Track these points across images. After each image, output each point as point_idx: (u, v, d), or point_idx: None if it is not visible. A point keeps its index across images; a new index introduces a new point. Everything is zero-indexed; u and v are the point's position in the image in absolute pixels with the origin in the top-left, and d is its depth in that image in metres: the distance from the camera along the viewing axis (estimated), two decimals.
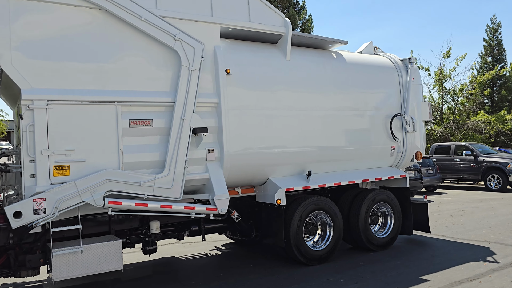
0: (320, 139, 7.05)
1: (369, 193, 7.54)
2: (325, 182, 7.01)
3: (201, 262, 7.33)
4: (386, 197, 7.72)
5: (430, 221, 10.21)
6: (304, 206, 6.73)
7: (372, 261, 6.91)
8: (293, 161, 6.85)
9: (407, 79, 8.15)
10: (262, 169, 6.61)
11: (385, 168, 7.97)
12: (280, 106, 6.66)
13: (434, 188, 17.29)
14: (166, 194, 5.54)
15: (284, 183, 6.64)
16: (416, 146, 8.29)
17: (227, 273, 6.55)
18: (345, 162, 7.42)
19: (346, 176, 7.34)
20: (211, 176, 5.96)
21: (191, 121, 5.74)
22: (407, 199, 8.00)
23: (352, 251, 7.57)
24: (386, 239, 7.67)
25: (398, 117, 7.92)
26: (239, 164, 6.27)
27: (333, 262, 6.86)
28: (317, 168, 7.10)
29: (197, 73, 5.81)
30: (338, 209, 7.14)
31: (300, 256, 6.68)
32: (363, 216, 7.38)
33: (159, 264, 7.25)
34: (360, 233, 7.36)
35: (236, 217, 6.70)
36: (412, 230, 7.99)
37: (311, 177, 6.91)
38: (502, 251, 7.21)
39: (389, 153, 7.93)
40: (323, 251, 6.90)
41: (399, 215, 7.85)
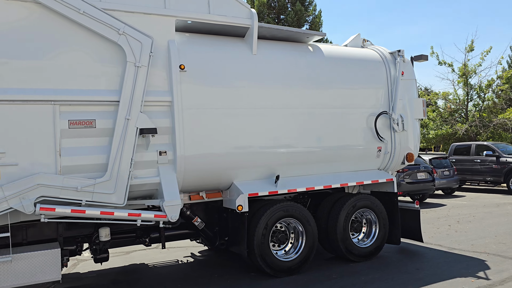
0: (292, 140, 6.50)
1: (350, 198, 6.92)
2: (295, 187, 6.45)
3: (167, 270, 6.92)
4: (370, 203, 7.07)
5: (434, 227, 9.50)
6: (270, 212, 6.20)
7: (349, 273, 6.29)
8: (261, 164, 6.33)
9: (395, 73, 7.45)
10: (225, 173, 6.13)
11: (370, 171, 7.31)
12: (244, 104, 6.16)
13: (451, 191, 16.25)
14: (107, 200, 5.16)
15: (247, 188, 6.14)
16: (407, 147, 7.58)
17: (186, 283, 6.11)
18: (322, 165, 6.82)
19: (322, 180, 6.74)
20: (162, 180, 5.53)
21: (137, 121, 5.33)
22: (394, 205, 7.32)
23: (331, 261, 6.97)
24: (369, 249, 7.02)
25: (384, 115, 7.24)
26: (197, 167, 5.82)
27: (304, 274, 6.30)
28: (289, 171, 6.55)
29: (145, 70, 5.40)
30: (311, 216, 6.57)
31: (266, 267, 6.15)
32: (342, 223, 6.76)
33: (123, 272, 6.90)
34: (338, 242, 6.75)
35: (199, 223, 6.27)
36: (400, 239, 7.29)
37: (281, 181, 6.36)
38: (498, 265, 6.43)
39: (375, 155, 7.27)
40: (293, 262, 6.34)
41: (385, 222, 7.18)
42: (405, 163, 7.60)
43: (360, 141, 7.11)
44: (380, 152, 7.29)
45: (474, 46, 23.75)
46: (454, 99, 25.24)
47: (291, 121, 6.49)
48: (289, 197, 7.03)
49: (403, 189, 13.12)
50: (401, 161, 7.57)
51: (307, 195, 7.25)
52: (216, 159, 5.96)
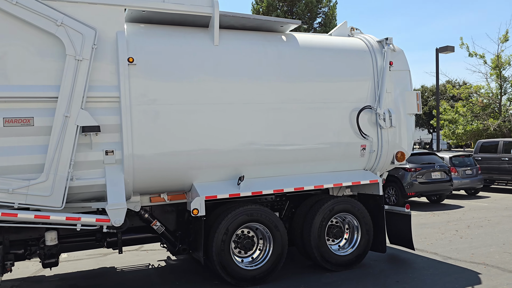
0: (259, 138, 5.97)
1: (326, 201, 6.31)
2: (261, 189, 5.92)
3: (132, 275, 6.58)
4: (350, 206, 6.43)
5: (439, 232, 8.73)
6: (232, 217, 5.71)
7: (319, 284, 5.71)
8: (224, 164, 5.84)
9: (382, 64, 6.74)
10: (183, 174, 5.69)
11: (353, 172, 6.66)
12: (204, 100, 5.68)
13: (475, 191, 15.10)
14: (43, 203, 4.84)
15: (206, 190, 5.67)
16: (397, 145, 6.86)
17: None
18: (296, 165, 6.25)
19: (294, 182, 6.17)
20: (107, 181, 5.16)
21: (77, 119, 4.98)
22: (380, 209, 6.64)
23: (306, 270, 6.39)
24: (349, 257, 6.39)
25: (368, 110, 6.57)
26: (149, 167, 5.42)
27: (269, 284, 5.78)
28: (257, 172, 6.03)
29: (86, 63, 5.03)
30: (280, 221, 6.02)
31: (226, 276, 5.68)
32: (317, 229, 6.18)
33: (87, 276, 6.62)
34: (313, 249, 6.17)
35: (158, 227, 5.88)
36: (385, 247, 6.61)
37: (246, 183, 5.86)
38: (492, 280, 5.66)
39: (359, 154, 6.61)
40: (258, 271, 5.83)
41: (369, 228, 6.52)
42: (395, 163, 6.89)
43: (341, 139, 6.47)
44: (364, 151, 6.62)
45: (508, 36, 22.14)
46: (486, 93, 23.65)
47: (259, 117, 5.95)
48: (265, 200, 6.50)
49: (415, 189, 12.25)
50: (390, 160, 6.87)
51: (285, 198, 6.70)
52: (171, 159, 5.53)
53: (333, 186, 6.37)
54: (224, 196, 5.72)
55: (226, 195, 5.72)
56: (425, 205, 12.79)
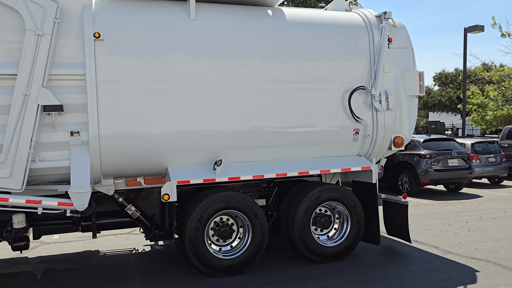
0: (239, 120, 5.57)
1: (313, 189, 5.89)
2: (239, 174, 5.55)
3: (112, 260, 6.39)
4: (339, 194, 5.98)
5: (447, 223, 8.20)
6: (207, 203, 5.39)
7: (298, 277, 5.34)
8: (200, 147, 5.50)
9: (379, 40, 6.17)
10: (156, 156, 5.39)
11: (345, 158, 6.18)
12: (178, 79, 5.33)
13: (499, 180, 14.21)
14: (2, 185, 4.66)
15: (179, 175, 5.36)
16: (395, 130, 6.31)
17: (110, 278, 5.52)
18: (279, 150, 5.83)
19: (276, 167, 5.76)
20: (71, 163, 4.92)
21: (38, 97, 4.73)
22: (373, 198, 6.16)
23: (290, 260, 6.02)
24: (336, 248, 5.97)
25: (361, 90, 6.04)
26: (118, 149, 5.14)
27: (246, 275, 5.45)
28: (237, 156, 5.67)
29: (48, 39, 4.75)
30: (260, 209, 5.65)
31: (200, 265, 5.39)
32: (301, 218, 5.78)
33: (67, 259, 6.48)
34: (296, 239, 5.78)
35: (133, 212, 5.65)
36: (379, 239, 6.14)
37: (225, 167, 5.51)
38: (490, 279, 5.13)
39: (351, 139, 6.12)
40: (235, 261, 5.51)
41: (360, 218, 6.06)
42: (392, 148, 6.36)
43: (331, 122, 6.00)
44: (357, 135, 6.13)
45: None
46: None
47: (239, 98, 5.56)
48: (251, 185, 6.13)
49: (430, 177, 11.57)
50: (387, 146, 6.34)
51: (273, 184, 6.31)
52: (142, 141, 5.23)
53: (320, 172, 5.92)
54: (197, 181, 5.39)
55: (200, 180, 5.39)
56: (441, 194, 12.11)
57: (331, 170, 5.94)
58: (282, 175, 5.72)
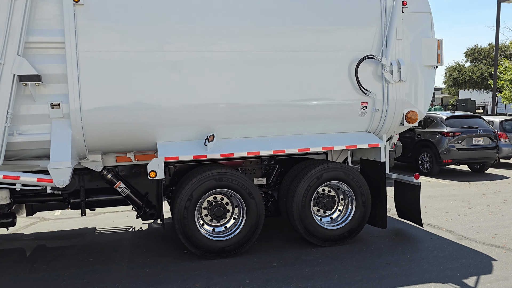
0: (233, 92, 5.14)
1: (315, 167, 5.44)
2: (233, 151, 5.14)
3: (105, 238, 6.17)
4: (343, 174, 5.51)
5: (468, 205, 7.66)
6: (197, 181, 5.03)
7: (295, 261, 4.96)
8: (191, 121, 5.12)
9: (392, 3, 5.55)
10: (144, 131, 5.04)
11: (350, 134, 5.67)
12: (168, 47, 4.91)
13: None
14: None
15: (167, 151, 5.00)
16: (409, 103, 5.75)
17: (99, 257, 5.29)
18: (278, 125, 5.39)
19: (274, 144, 5.33)
20: (52, 137, 4.64)
21: (13, 67, 4.42)
22: (381, 178, 5.66)
23: (290, 243, 5.65)
24: (339, 231, 5.54)
25: (370, 60, 5.48)
26: (101, 123, 4.81)
27: (239, 258, 5.11)
28: (231, 131, 5.26)
29: (23, 3, 4.41)
30: (256, 188, 5.26)
31: (190, 246, 5.08)
32: (300, 198, 5.36)
33: (61, 237, 6.30)
34: (295, 221, 5.39)
35: (122, 189, 5.37)
36: (386, 222, 5.67)
37: (218, 143, 5.12)
38: (508, 269, 4.62)
39: (358, 113, 5.60)
40: (228, 242, 5.17)
41: (366, 199, 5.59)
42: (404, 124, 5.81)
43: (336, 94, 5.49)
44: (365, 109, 5.60)
45: None
46: None
47: (231, 68, 5.11)
48: (251, 163, 5.75)
49: (452, 156, 10.88)
50: (398, 121, 5.79)
51: (275, 162, 5.89)
52: (128, 115, 4.88)
53: (322, 149, 5.45)
54: (187, 158, 5.03)
55: (189, 157, 5.03)
56: (464, 174, 11.42)
57: (335, 147, 5.47)
58: (280, 152, 5.29)
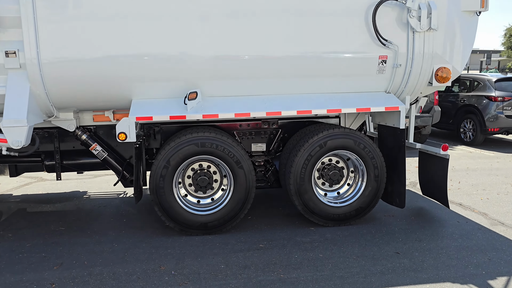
0: (220, 41, 4.29)
1: (318, 133, 4.58)
2: (218, 112, 4.35)
3: (90, 204, 5.65)
4: (352, 142, 4.61)
5: (508, 182, 6.45)
6: (175, 146, 4.33)
7: (286, 243, 4.22)
8: (170, 75, 4.36)
9: None
10: (117, 86, 4.35)
11: (365, 95, 4.72)
12: None
13: None
14: None
15: (141, 109, 4.30)
16: (440, 58, 4.68)
17: (72, 226, 4.78)
18: (275, 82, 4.52)
19: (269, 104, 4.48)
20: (7, 91, 4.04)
21: None
22: (400, 148, 4.71)
23: (287, 221, 4.90)
24: (345, 209, 4.71)
25: (392, 2, 4.43)
26: (67, 76, 4.16)
27: (226, 235, 4.45)
28: (218, 89, 4.47)
29: None
30: (245, 156, 4.48)
31: (168, 220, 4.44)
32: (299, 169, 4.55)
33: (48, 199, 5.87)
34: (293, 195, 4.61)
35: (99, 152, 4.79)
36: (404, 201, 4.75)
37: (201, 103, 4.36)
38: None
39: (375, 69, 4.62)
40: (211, 217, 4.48)
41: (379, 173, 4.69)
42: (434, 84, 4.77)
43: (348, 45, 4.51)
44: (384, 64, 4.60)
45: None
46: None
47: (219, 11, 4.24)
48: (249, 126, 4.96)
49: (500, 124, 9.54)
50: (426, 80, 4.76)
51: (277, 126, 5.07)
52: (97, 66, 4.18)
53: (327, 112, 4.54)
54: (162, 119, 4.31)
55: (165, 117, 4.30)
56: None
57: (343, 109, 4.54)
58: (274, 113, 4.45)
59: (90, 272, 3.65)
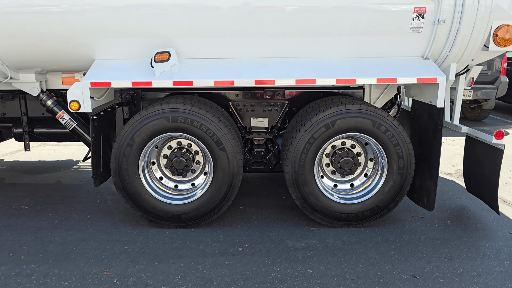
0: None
1: (326, 109, 3.54)
2: (192, 78, 3.42)
3: (70, 177, 5.05)
4: (370, 123, 3.51)
5: None
6: (140, 120, 3.49)
7: (271, 251, 3.32)
8: (139, 30, 3.47)
9: None
10: (76, 43, 3.54)
11: (392, 60, 3.57)
12: None
13: None
14: None
15: (100, 72, 3.48)
16: (503, 13, 3.40)
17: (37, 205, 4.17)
18: (270, 41, 3.49)
19: (260, 69, 3.48)
20: None
21: None
22: (436, 133, 3.56)
23: (283, 212, 3.98)
24: (357, 208, 3.68)
25: None
26: (12, 28, 3.42)
27: (202, 230, 3.64)
28: (198, 48, 3.54)
29: None
30: (229, 135, 3.55)
31: (135, 208, 3.67)
32: (298, 155, 3.57)
33: (35, 169, 5.36)
34: (289, 186, 3.66)
35: (67, 121, 4.10)
36: (434, 202, 3.62)
37: (176, 65, 3.46)
38: None
39: (408, 25, 3.44)
40: (186, 208, 3.65)
41: (405, 165, 3.59)
42: (490, 48, 3.51)
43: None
44: (421, 19, 3.42)
45: None
46: None
47: None
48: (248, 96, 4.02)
49: None
50: (481, 42, 3.51)
51: (283, 96, 4.08)
52: (46, 18, 3.40)
53: (336, 82, 3.47)
54: (122, 85, 3.46)
55: (126, 83, 3.45)
56: None
57: (358, 79, 3.44)
58: (266, 82, 3.44)
59: (19, 271, 3.00)
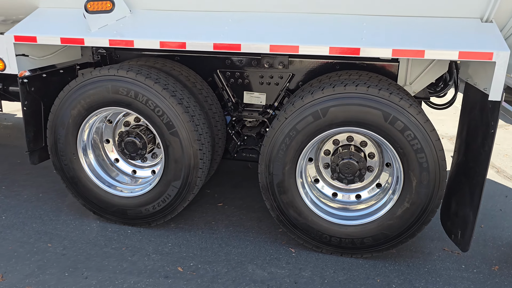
0: None
1: (317, 90, 2.46)
2: (134, 37, 2.53)
3: None
4: (380, 115, 2.36)
5: None
6: (77, 89, 2.72)
7: (217, 279, 2.45)
8: None
9: None
10: None
11: (434, 23, 2.34)
12: None
13: None
14: None
15: (31, 24, 2.76)
16: None
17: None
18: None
19: (228, 28, 2.48)
20: None
21: None
22: (485, 136, 2.30)
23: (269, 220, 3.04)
24: (353, 231, 2.60)
25: None
26: None
27: (156, 231, 2.87)
28: None
29: None
30: (182, 115, 2.63)
31: (75, 194, 3.00)
32: (274, 151, 2.57)
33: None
34: (263, 194, 2.70)
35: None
36: (470, 241, 2.42)
37: (126, 18, 2.64)
38: None
39: None
40: (132, 202, 2.88)
41: (430, 180, 2.41)
42: None
43: None
44: None
45: None
46: None
47: None
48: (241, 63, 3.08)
49: None
50: None
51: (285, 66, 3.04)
52: None
53: (329, 53, 2.35)
54: (50, 41, 2.70)
55: (54, 39, 2.68)
56: None
57: (362, 49, 2.29)
58: (229, 47, 2.44)
59: None
